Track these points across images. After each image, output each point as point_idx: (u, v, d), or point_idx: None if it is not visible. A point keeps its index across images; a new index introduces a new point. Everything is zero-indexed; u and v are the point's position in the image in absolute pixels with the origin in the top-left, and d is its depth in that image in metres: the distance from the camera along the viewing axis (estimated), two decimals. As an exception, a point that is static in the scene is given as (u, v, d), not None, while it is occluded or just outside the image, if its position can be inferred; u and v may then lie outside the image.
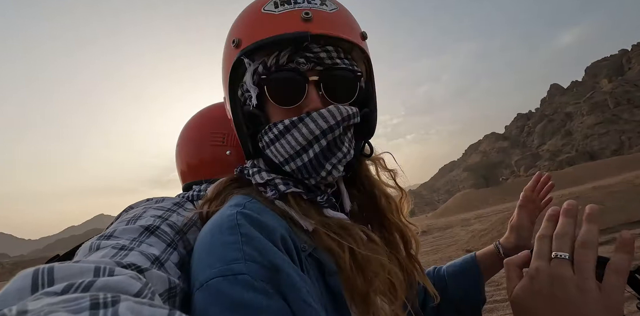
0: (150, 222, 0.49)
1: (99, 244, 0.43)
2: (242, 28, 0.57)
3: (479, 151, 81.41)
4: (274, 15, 0.53)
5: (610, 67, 55.27)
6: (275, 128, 0.54)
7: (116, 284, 0.27)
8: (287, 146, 0.53)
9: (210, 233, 0.46)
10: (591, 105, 46.29)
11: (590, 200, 8.56)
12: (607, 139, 41.58)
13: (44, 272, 0.27)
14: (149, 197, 0.60)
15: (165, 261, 0.44)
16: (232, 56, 0.55)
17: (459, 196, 27.20)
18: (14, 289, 0.26)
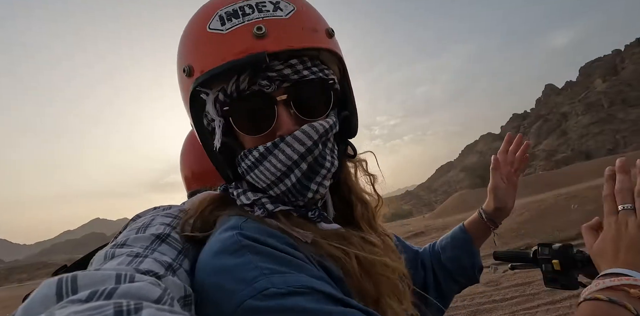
0: (161, 230, 0.49)
1: (113, 253, 0.43)
2: (189, 53, 0.51)
3: (475, 151, 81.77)
4: (221, 36, 0.48)
5: (604, 68, 55.74)
6: (251, 155, 0.51)
7: (137, 290, 0.27)
8: (267, 173, 0.50)
9: (217, 258, 0.44)
10: (586, 105, 46.67)
11: (586, 199, 8.60)
12: (602, 139, 41.91)
13: (68, 280, 0.28)
14: (156, 206, 0.61)
15: (178, 269, 0.44)
16: (187, 85, 0.50)
17: (456, 197, 27.27)
18: (40, 297, 0.26)
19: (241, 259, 0.42)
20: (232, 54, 0.47)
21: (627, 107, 42.44)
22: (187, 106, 0.53)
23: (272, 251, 0.43)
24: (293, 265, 0.42)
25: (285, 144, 0.49)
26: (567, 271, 0.88)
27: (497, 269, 5.70)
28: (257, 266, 0.41)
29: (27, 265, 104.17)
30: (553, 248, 0.93)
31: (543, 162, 45.66)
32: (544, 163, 44.58)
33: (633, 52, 51.03)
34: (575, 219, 7.66)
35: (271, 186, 0.51)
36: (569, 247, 0.91)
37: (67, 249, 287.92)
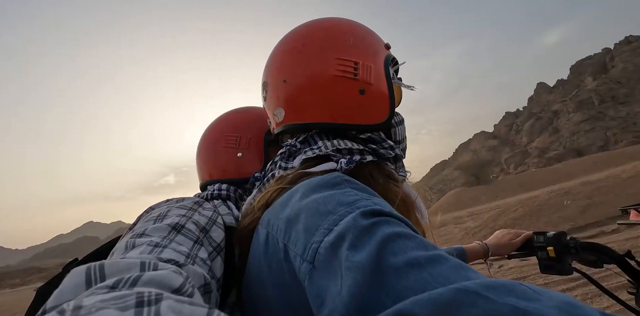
0: (177, 221, 0.50)
1: (134, 243, 0.44)
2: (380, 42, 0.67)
3: (469, 149, 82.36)
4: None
5: (594, 66, 56.47)
6: (400, 116, 0.65)
7: (160, 278, 0.28)
8: (404, 131, 0.65)
9: (314, 191, 0.44)
10: (577, 103, 47.24)
11: (579, 195, 8.71)
12: (593, 136, 42.45)
13: (96, 268, 0.29)
14: (168, 198, 0.61)
15: (195, 258, 0.45)
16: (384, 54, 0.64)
17: (451, 195, 27.43)
18: (71, 285, 0.27)
19: (342, 190, 0.43)
20: None
21: (617, 104, 43.05)
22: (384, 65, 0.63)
23: (371, 191, 0.45)
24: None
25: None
26: (562, 258, 0.91)
27: (492, 265, 5.75)
28: (357, 193, 0.42)
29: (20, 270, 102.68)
30: (547, 235, 0.95)
31: (536, 159, 46.13)
32: (537, 160, 45.04)
33: (622, 50, 51.75)
34: (569, 214, 7.76)
35: (402, 141, 0.64)
36: (563, 234, 0.93)
37: (59, 254, 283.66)
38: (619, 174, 9.84)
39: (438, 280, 0.28)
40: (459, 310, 0.24)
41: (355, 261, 0.32)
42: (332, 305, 0.32)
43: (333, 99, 0.57)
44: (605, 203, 7.74)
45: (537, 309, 0.23)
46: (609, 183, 9.02)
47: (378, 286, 0.30)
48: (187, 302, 0.23)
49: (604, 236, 5.95)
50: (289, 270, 0.41)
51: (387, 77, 0.60)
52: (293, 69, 0.59)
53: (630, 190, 7.99)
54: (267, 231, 0.47)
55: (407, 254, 0.32)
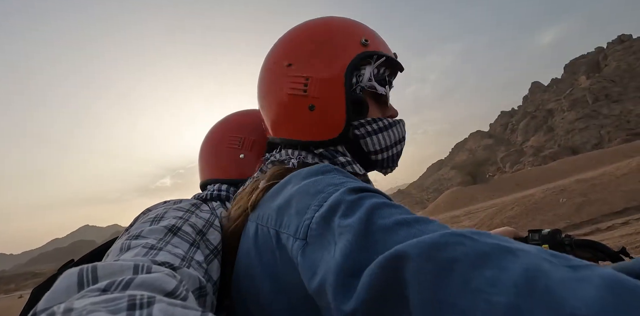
0: (173, 223, 0.50)
1: (129, 245, 0.44)
2: (373, 36, 0.64)
3: (465, 149, 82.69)
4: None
5: (588, 65, 56.96)
6: (381, 122, 0.60)
7: (153, 281, 0.28)
8: (387, 139, 0.60)
9: (304, 179, 0.45)
10: (571, 101, 47.61)
11: (574, 193, 8.77)
12: (587, 134, 42.79)
13: (89, 270, 0.29)
14: (166, 200, 0.61)
15: (190, 260, 0.45)
16: (357, 50, 0.60)
17: (447, 194, 27.50)
18: (63, 287, 0.27)
19: (331, 175, 0.45)
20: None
21: (611, 102, 43.44)
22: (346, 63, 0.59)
23: (360, 181, 0.46)
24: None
25: (402, 123, 0.64)
26: None
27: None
28: (346, 178, 0.44)
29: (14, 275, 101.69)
30: (542, 233, 0.96)
31: (531, 158, 46.42)
32: (532, 159, 45.33)
33: (615, 49, 52.26)
34: (564, 212, 7.80)
35: (382, 151, 0.60)
36: (558, 232, 0.94)
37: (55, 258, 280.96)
38: (613, 171, 9.91)
39: (426, 232, 0.30)
40: (447, 248, 0.26)
41: (346, 225, 0.34)
42: (326, 267, 0.33)
43: (288, 117, 0.59)
44: (600, 200, 7.79)
45: (519, 248, 0.25)
46: (603, 180, 9.08)
47: (369, 245, 0.31)
48: (179, 305, 0.23)
49: (600, 233, 5.99)
50: (281, 256, 0.41)
51: (346, 87, 0.57)
52: (264, 87, 0.62)
53: (624, 187, 8.05)
54: (257, 224, 0.48)
55: (395, 217, 0.33)
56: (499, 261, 0.24)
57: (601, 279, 0.21)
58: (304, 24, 0.64)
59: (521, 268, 0.23)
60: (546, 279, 0.22)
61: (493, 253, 0.25)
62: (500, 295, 0.22)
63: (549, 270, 0.23)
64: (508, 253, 0.25)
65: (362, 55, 0.58)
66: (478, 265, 0.25)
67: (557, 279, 0.22)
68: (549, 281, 0.22)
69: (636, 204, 7.19)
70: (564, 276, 0.22)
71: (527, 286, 0.22)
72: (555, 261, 0.24)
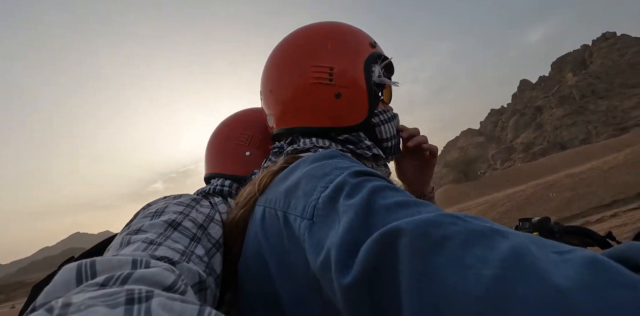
0: (173, 217, 0.50)
1: (129, 239, 0.44)
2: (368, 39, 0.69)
3: (456, 147, 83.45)
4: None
5: (574, 62, 58.01)
6: (389, 113, 0.66)
7: (152, 276, 0.28)
8: (392, 128, 0.66)
9: (312, 164, 0.47)
10: (559, 98, 48.44)
11: (563, 187, 8.89)
12: (575, 130, 43.55)
13: (87, 265, 0.29)
14: (166, 195, 0.62)
15: (190, 255, 0.45)
16: (368, 51, 0.65)
17: (440, 192, 27.69)
18: (61, 281, 0.27)
19: (338, 159, 0.47)
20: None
21: (597, 99, 44.27)
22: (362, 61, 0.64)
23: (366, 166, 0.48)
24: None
25: (398, 118, 0.70)
26: None
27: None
28: (352, 163, 0.46)
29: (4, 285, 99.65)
30: (532, 221, 0.97)
31: (521, 154, 47.07)
32: (522, 156, 45.97)
33: (600, 46, 53.33)
34: (554, 206, 7.91)
35: (391, 138, 0.66)
36: (547, 220, 0.95)
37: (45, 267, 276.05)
38: (600, 166, 10.08)
39: (424, 213, 0.31)
40: (441, 227, 0.28)
41: (349, 204, 0.36)
42: (330, 243, 0.34)
43: (311, 105, 0.61)
44: (589, 194, 7.91)
45: (509, 231, 0.27)
46: (591, 174, 9.23)
47: (369, 222, 0.33)
48: (178, 299, 0.23)
49: (589, 226, 6.07)
50: (288, 236, 0.42)
51: (366, 78, 0.62)
52: (277, 80, 0.64)
53: (612, 181, 8.19)
54: (264, 207, 0.49)
55: (396, 198, 0.35)
56: (490, 241, 0.26)
57: (583, 259, 0.23)
58: (314, 25, 0.68)
59: (509, 246, 0.25)
60: (532, 256, 0.24)
61: (484, 233, 0.27)
62: (488, 269, 0.24)
63: (536, 250, 0.25)
64: (498, 234, 0.27)
65: (373, 54, 0.64)
66: (469, 244, 0.26)
67: (543, 258, 0.24)
68: (534, 258, 0.23)
69: (624, 196, 7.31)
70: (548, 259, 0.24)
71: (514, 261, 0.23)
72: (543, 245, 0.26)
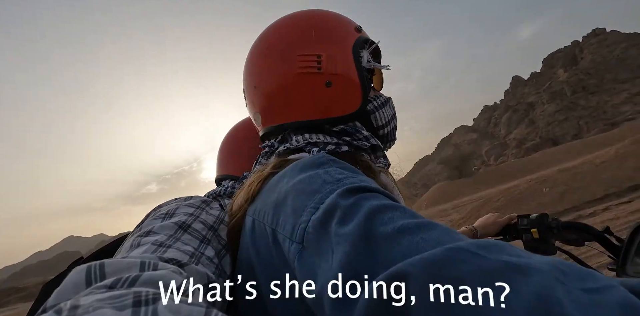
0: (183, 219, 0.50)
1: (139, 241, 0.44)
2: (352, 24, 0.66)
3: (450, 144, 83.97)
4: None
5: (565, 58, 58.53)
6: (382, 98, 0.63)
7: (159, 278, 0.28)
8: (387, 113, 0.63)
9: (301, 172, 0.44)
10: (550, 94, 48.88)
11: (556, 182, 8.99)
12: (567, 125, 44.02)
13: (96, 267, 0.29)
14: (177, 197, 0.61)
15: (200, 257, 0.45)
16: (354, 36, 0.62)
17: (435, 189, 27.84)
18: (71, 283, 0.28)
19: (327, 169, 0.42)
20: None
21: (588, 94, 44.76)
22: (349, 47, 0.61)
23: (359, 171, 0.45)
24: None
25: (392, 101, 0.66)
26: (545, 238, 0.91)
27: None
28: (343, 172, 0.42)
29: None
30: (531, 218, 0.97)
31: (515, 150, 47.49)
32: (516, 151, 46.38)
33: (590, 42, 53.86)
34: (548, 201, 7.99)
35: (388, 123, 0.63)
36: (545, 216, 0.95)
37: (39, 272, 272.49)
38: (592, 160, 10.20)
39: (430, 243, 0.28)
40: (452, 266, 0.24)
41: (344, 234, 0.32)
42: (324, 279, 0.31)
43: (301, 97, 0.57)
44: (581, 188, 8.00)
45: (529, 263, 0.24)
46: (583, 169, 9.33)
47: (369, 255, 0.30)
48: (184, 302, 0.23)
49: (582, 220, 6.12)
50: (277, 255, 0.40)
51: (356, 63, 0.58)
52: (261, 74, 0.60)
53: (603, 175, 8.29)
54: (253, 219, 0.47)
55: (397, 223, 0.31)
56: (508, 283, 0.22)
57: (617, 306, 0.20)
58: (296, 13, 0.63)
59: (533, 293, 0.21)
60: (560, 307, 0.20)
61: (501, 273, 0.23)
62: None
63: (563, 295, 0.21)
64: (517, 272, 0.23)
65: (361, 39, 0.61)
66: (484, 287, 0.23)
67: (571, 307, 0.21)
68: (563, 310, 0.20)
69: (615, 190, 7.41)
70: (578, 302, 0.21)
71: (540, 314, 0.20)
72: (569, 281, 0.23)
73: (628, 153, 9.25)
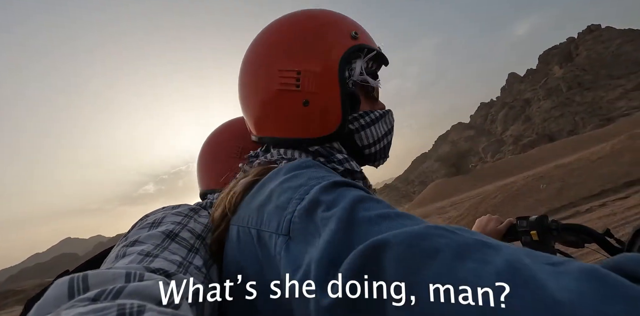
0: (171, 228, 0.49)
1: (125, 252, 0.43)
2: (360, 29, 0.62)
3: (447, 141, 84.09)
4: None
5: (561, 55, 58.69)
6: (373, 114, 0.59)
7: (144, 289, 0.27)
8: (378, 131, 0.59)
9: (287, 174, 0.44)
10: (546, 91, 49.04)
11: (553, 178, 9.04)
12: (563, 121, 44.21)
13: (79, 279, 0.28)
14: (164, 206, 0.60)
15: (188, 266, 0.44)
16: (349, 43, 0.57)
17: (432, 186, 27.92)
18: (53, 296, 0.27)
19: (312, 169, 0.44)
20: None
21: (583, 90, 44.96)
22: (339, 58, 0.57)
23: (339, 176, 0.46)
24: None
25: (391, 114, 0.63)
26: (545, 241, 0.91)
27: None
28: (328, 173, 0.44)
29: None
30: (530, 220, 0.95)
31: (511, 147, 47.66)
32: (512, 148, 46.56)
33: (585, 39, 54.03)
34: (545, 197, 8.03)
35: (374, 144, 0.59)
36: (545, 217, 0.94)
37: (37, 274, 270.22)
38: (588, 156, 10.25)
39: (408, 226, 0.30)
40: (429, 239, 0.27)
41: (330, 216, 0.34)
42: (309, 259, 0.32)
43: (279, 114, 0.55)
44: (578, 184, 8.05)
45: (499, 243, 0.26)
46: (580, 165, 9.38)
47: (352, 235, 0.31)
48: (170, 314, 0.22)
49: (579, 216, 6.20)
50: (263, 256, 0.39)
51: (340, 80, 0.54)
52: (247, 86, 0.59)
53: (600, 170, 8.34)
54: (237, 226, 0.46)
55: (378, 211, 0.33)
56: (482, 254, 0.25)
57: (580, 271, 0.22)
58: (288, 18, 0.60)
59: (503, 260, 0.24)
60: (528, 269, 0.23)
61: (474, 246, 0.26)
62: (484, 283, 0.23)
63: (530, 263, 0.24)
64: (489, 247, 0.26)
65: (353, 48, 0.56)
66: (461, 257, 0.25)
67: (539, 270, 0.23)
68: (530, 271, 0.23)
69: (612, 186, 7.46)
70: (545, 270, 0.23)
71: (510, 275, 0.23)
72: (535, 258, 0.25)
73: (624, 149, 9.30)
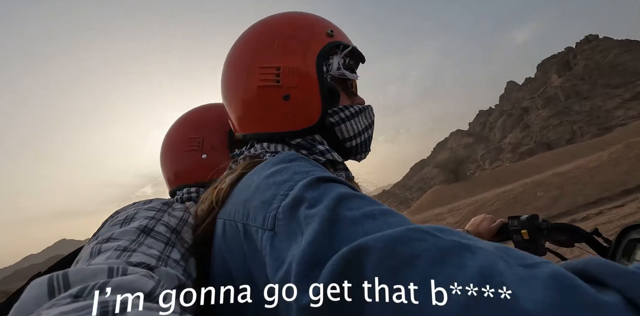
0: (145, 223, 0.48)
1: (100, 248, 0.42)
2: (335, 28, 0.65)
3: (446, 148, 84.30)
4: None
5: (559, 64, 59.20)
6: (352, 108, 0.60)
7: (129, 283, 0.27)
8: (358, 124, 0.60)
9: (272, 167, 0.44)
10: (544, 99, 49.37)
11: (550, 186, 9.05)
12: (561, 130, 44.43)
13: (59, 277, 0.27)
14: (135, 201, 0.59)
15: (167, 260, 0.44)
16: (324, 41, 0.60)
17: (430, 193, 27.91)
18: (31, 297, 0.26)
19: (296, 163, 0.45)
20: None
21: (582, 99, 45.28)
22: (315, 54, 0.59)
23: (325, 170, 0.46)
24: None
25: (370, 109, 0.64)
26: (535, 240, 0.92)
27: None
28: (313, 167, 0.44)
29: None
30: (521, 219, 0.97)
31: (509, 154, 47.79)
32: (510, 155, 46.68)
33: (583, 48, 54.57)
34: (542, 205, 8.03)
35: (355, 137, 0.60)
36: (535, 217, 0.95)
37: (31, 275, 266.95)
38: (585, 164, 10.28)
39: (392, 226, 0.30)
40: (409, 243, 0.27)
41: (313, 214, 0.34)
42: (291, 257, 0.32)
43: (261, 111, 0.57)
44: (575, 192, 8.06)
45: (477, 246, 0.27)
46: (577, 173, 9.40)
47: (335, 235, 0.31)
48: (155, 309, 0.22)
49: (576, 224, 6.17)
50: (249, 249, 0.40)
51: (319, 74, 0.57)
52: (229, 85, 0.61)
53: (597, 179, 8.36)
54: (224, 220, 0.46)
55: (362, 209, 0.34)
56: (459, 258, 0.25)
57: (549, 276, 0.23)
58: (267, 20, 0.63)
59: (477, 266, 0.25)
60: (500, 277, 0.24)
61: (452, 251, 0.26)
62: (457, 290, 0.23)
63: (503, 268, 0.24)
64: (466, 250, 0.26)
65: (330, 45, 0.59)
66: (438, 262, 0.26)
67: (510, 277, 0.24)
68: (503, 279, 0.24)
69: (609, 194, 7.47)
70: (516, 274, 0.24)
71: (483, 281, 0.23)
72: (510, 259, 0.25)
73: (621, 158, 9.33)
